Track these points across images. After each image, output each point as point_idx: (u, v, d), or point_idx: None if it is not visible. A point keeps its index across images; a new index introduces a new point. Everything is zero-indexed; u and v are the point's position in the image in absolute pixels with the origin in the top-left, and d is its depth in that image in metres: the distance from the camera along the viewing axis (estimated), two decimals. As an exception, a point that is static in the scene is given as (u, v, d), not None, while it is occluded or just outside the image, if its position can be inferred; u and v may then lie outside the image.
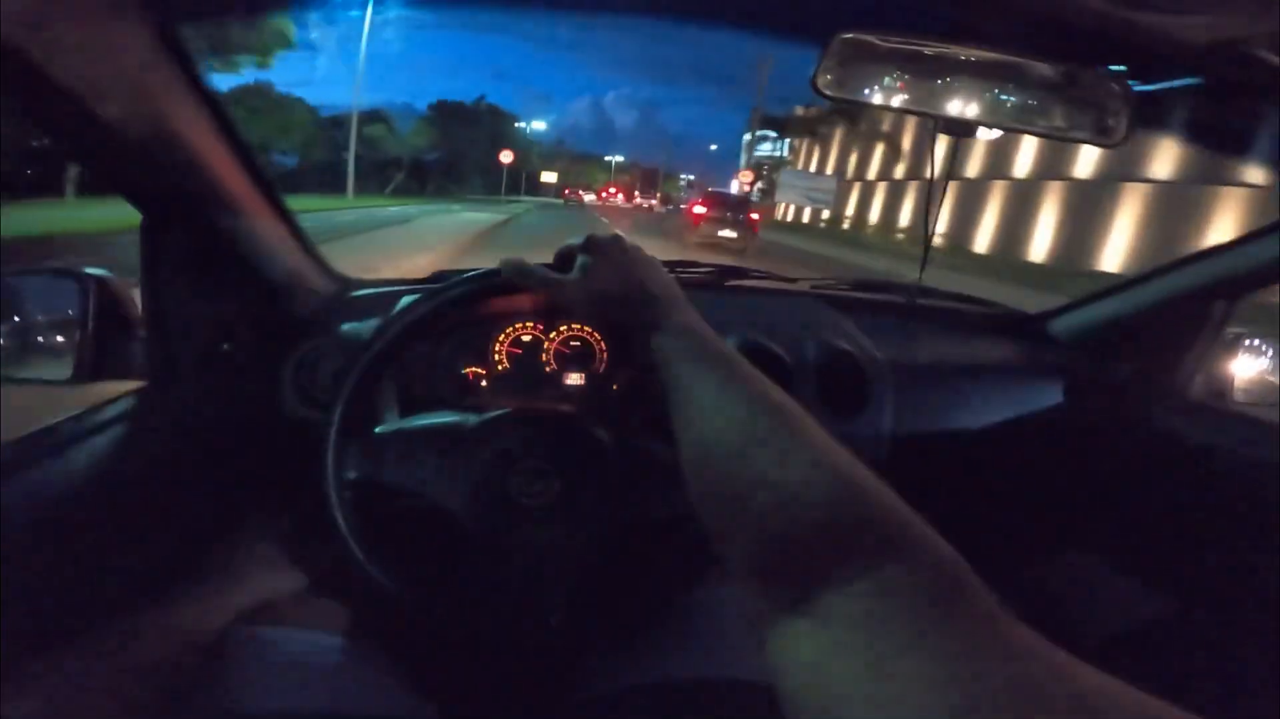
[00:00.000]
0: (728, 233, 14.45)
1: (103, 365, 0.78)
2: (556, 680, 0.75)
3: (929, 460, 1.09)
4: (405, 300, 0.85)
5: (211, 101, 0.68)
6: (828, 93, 0.71)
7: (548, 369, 0.97)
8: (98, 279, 0.77)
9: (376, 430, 0.71)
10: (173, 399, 0.83)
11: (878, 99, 0.72)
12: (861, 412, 1.02)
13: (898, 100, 0.72)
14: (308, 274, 0.94)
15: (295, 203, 0.88)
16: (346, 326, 0.92)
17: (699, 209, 15.29)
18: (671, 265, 1.34)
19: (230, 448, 0.89)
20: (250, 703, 0.64)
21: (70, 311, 0.77)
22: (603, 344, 0.96)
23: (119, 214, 0.79)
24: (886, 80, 0.72)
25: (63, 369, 0.76)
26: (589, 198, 64.01)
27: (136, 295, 0.80)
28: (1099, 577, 1.08)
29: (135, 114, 0.59)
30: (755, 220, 15.56)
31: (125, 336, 0.80)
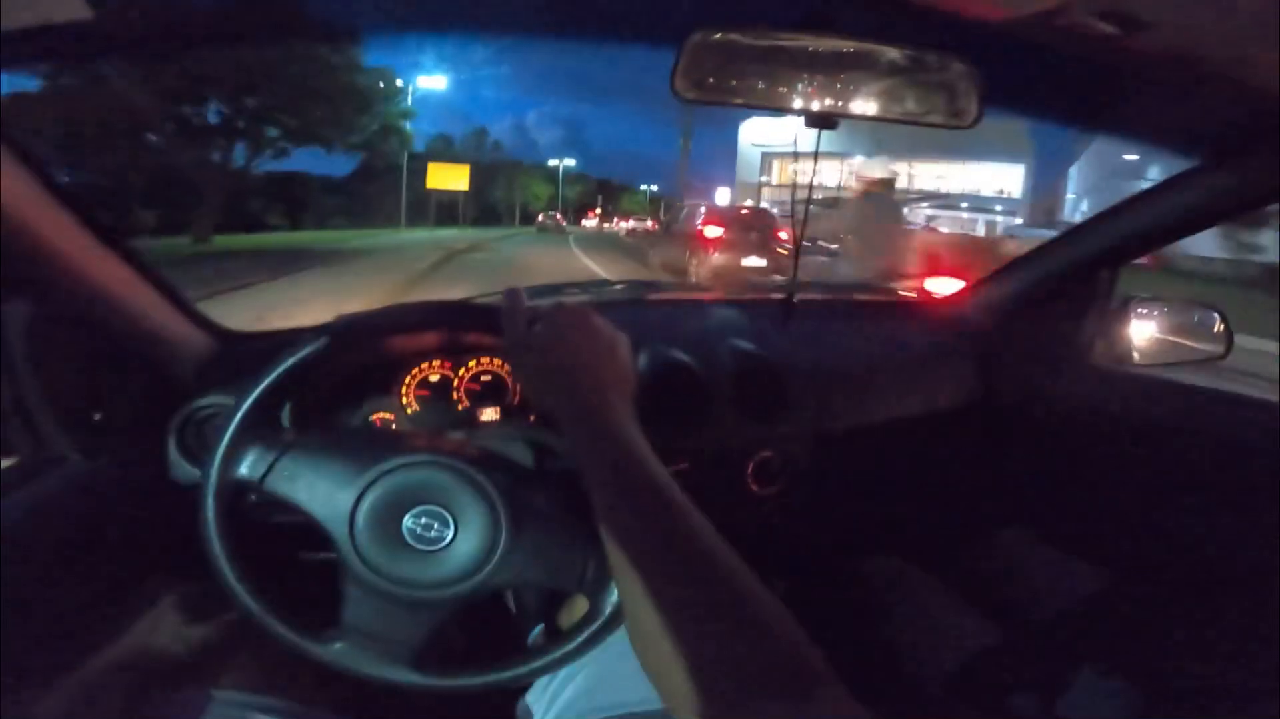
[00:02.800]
0: (754, 260, 10.66)
1: None
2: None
3: (852, 453, 1.09)
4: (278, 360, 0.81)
5: (26, 157, 0.64)
6: (688, 96, 0.70)
7: (460, 407, 0.94)
8: None
9: (268, 480, 0.67)
10: (43, 474, 0.78)
11: (739, 99, 0.72)
12: (781, 412, 1.02)
13: (760, 98, 0.73)
14: (180, 330, 0.89)
15: None
16: (229, 382, 0.87)
17: (712, 231, 10.97)
18: (585, 286, 1.34)
19: (112, 518, 0.83)
20: None
21: None
22: (514, 377, 0.94)
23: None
24: (747, 79, 0.72)
25: None
26: (623, 226, 41.14)
27: None
28: (1034, 554, 1.09)
29: None
30: (784, 238, 11.22)
31: None
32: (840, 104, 0.72)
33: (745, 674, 0.37)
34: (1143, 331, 1.11)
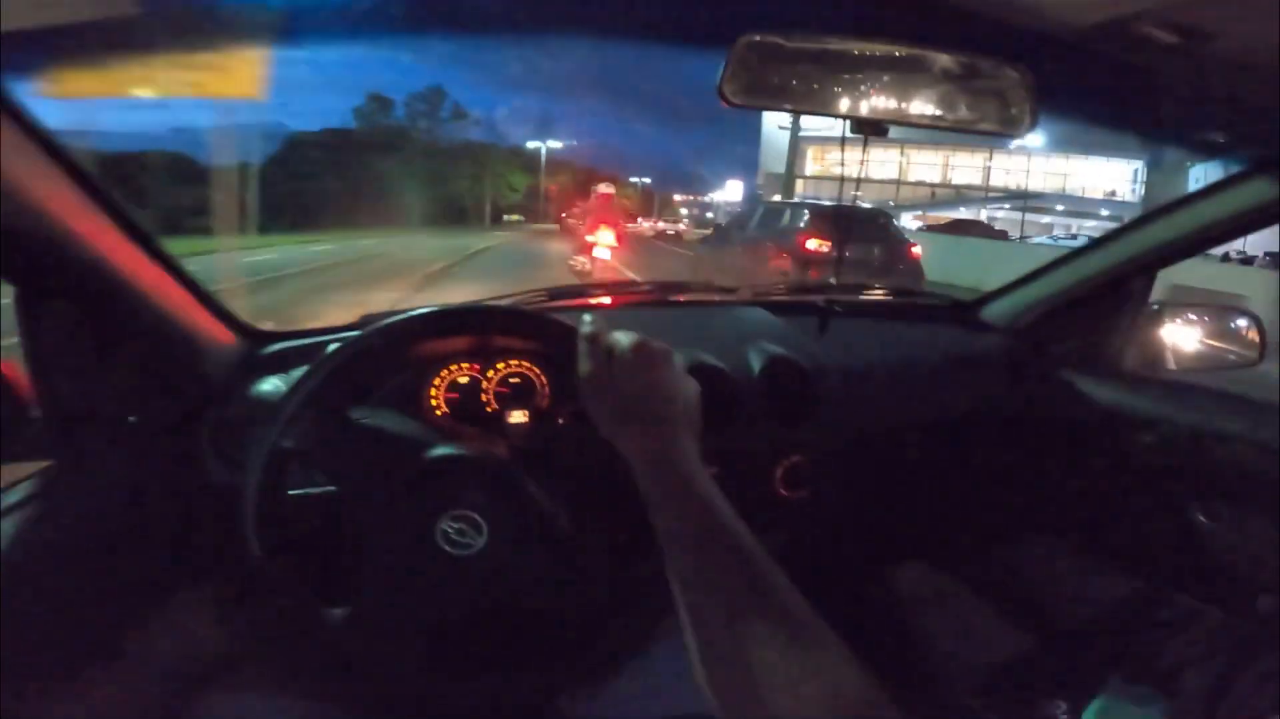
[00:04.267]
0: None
1: (2, 447, 0.73)
2: None
3: (882, 458, 1.08)
4: (329, 350, 0.81)
5: (64, 157, 0.64)
6: (736, 100, 0.69)
7: (488, 409, 0.94)
8: None
9: (318, 453, 0.68)
10: (79, 477, 0.78)
11: (787, 103, 0.71)
12: (810, 415, 1.01)
13: (808, 103, 0.72)
14: (211, 330, 0.89)
15: None
16: (262, 383, 0.87)
17: (814, 243, 7.24)
18: (608, 287, 1.33)
19: (148, 520, 0.84)
20: None
21: None
22: (544, 379, 0.93)
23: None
24: (795, 83, 0.71)
25: None
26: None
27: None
28: (1062, 561, 1.09)
29: None
30: (918, 255, 7.98)
31: (21, 416, 0.75)
32: (890, 109, 0.71)
33: (817, 701, 0.39)
34: (1178, 337, 1.10)
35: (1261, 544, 0.92)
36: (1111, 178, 29.22)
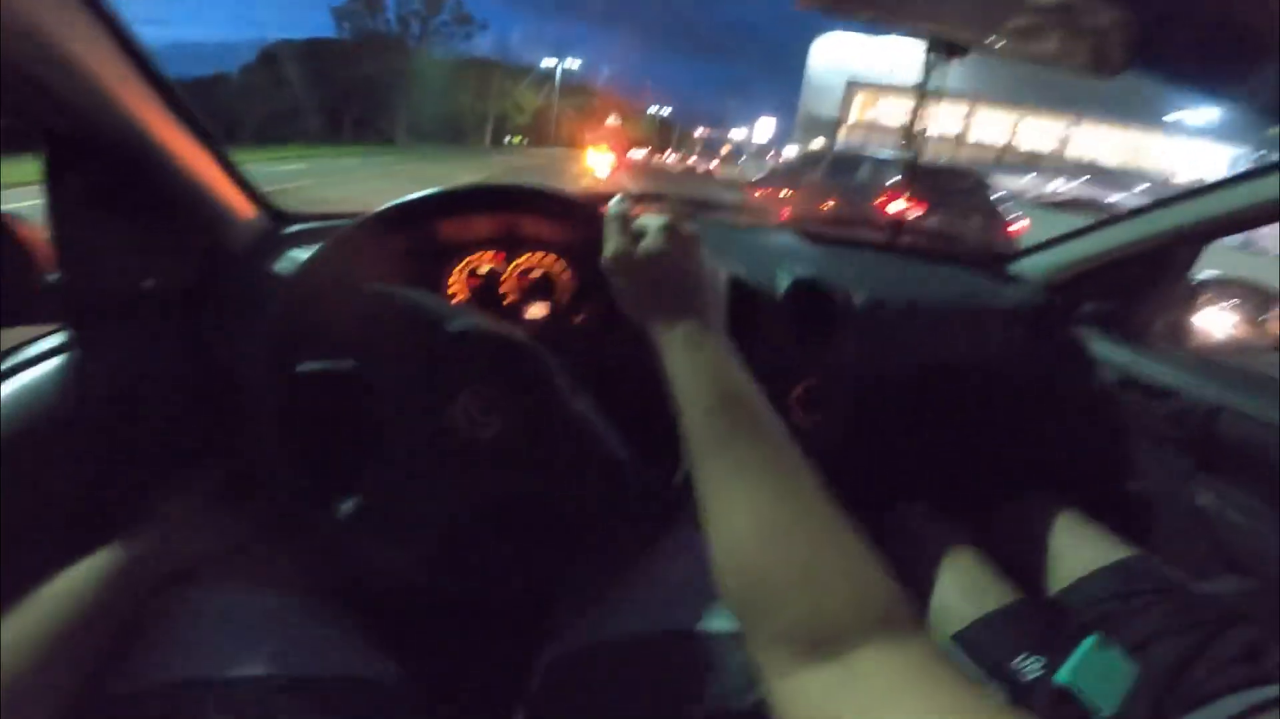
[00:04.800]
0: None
1: (15, 309, 0.72)
2: (513, 635, 0.73)
3: (894, 390, 1.09)
4: (349, 224, 0.78)
5: (114, 26, 0.62)
6: (813, 5, 0.65)
7: (507, 301, 0.92)
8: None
9: (316, 364, 0.67)
10: (92, 341, 0.77)
11: (866, 11, 0.66)
12: (831, 342, 1.01)
13: (888, 14, 0.67)
14: (238, 207, 0.87)
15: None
16: (280, 260, 0.85)
17: (899, 205, 5.77)
18: (639, 198, 1.29)
19: (155, 394, 0.83)
20: (191, 668, 0.60)
21: None
22: (566, 275, 0.91)
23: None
24: (877, -7, 0.66)
25: None
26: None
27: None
28: (1054, 514, 1.11)
29: (20, 36, 0.53)
30: (1017, 233, 6.57)
31: (37, 279, 0.73)
32: (973, 33, 0.67)
33: (841, 604, 0.38)
34: (1210, 314, 1.09)
35: (1259, 524, 0.94)
36: (1200, 161, 26.05)
